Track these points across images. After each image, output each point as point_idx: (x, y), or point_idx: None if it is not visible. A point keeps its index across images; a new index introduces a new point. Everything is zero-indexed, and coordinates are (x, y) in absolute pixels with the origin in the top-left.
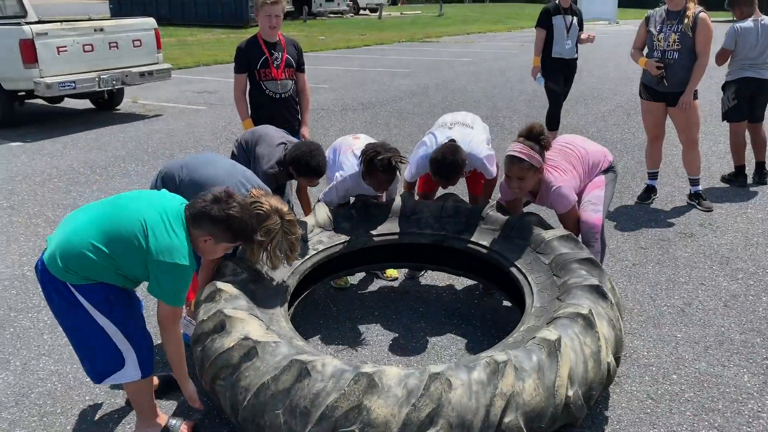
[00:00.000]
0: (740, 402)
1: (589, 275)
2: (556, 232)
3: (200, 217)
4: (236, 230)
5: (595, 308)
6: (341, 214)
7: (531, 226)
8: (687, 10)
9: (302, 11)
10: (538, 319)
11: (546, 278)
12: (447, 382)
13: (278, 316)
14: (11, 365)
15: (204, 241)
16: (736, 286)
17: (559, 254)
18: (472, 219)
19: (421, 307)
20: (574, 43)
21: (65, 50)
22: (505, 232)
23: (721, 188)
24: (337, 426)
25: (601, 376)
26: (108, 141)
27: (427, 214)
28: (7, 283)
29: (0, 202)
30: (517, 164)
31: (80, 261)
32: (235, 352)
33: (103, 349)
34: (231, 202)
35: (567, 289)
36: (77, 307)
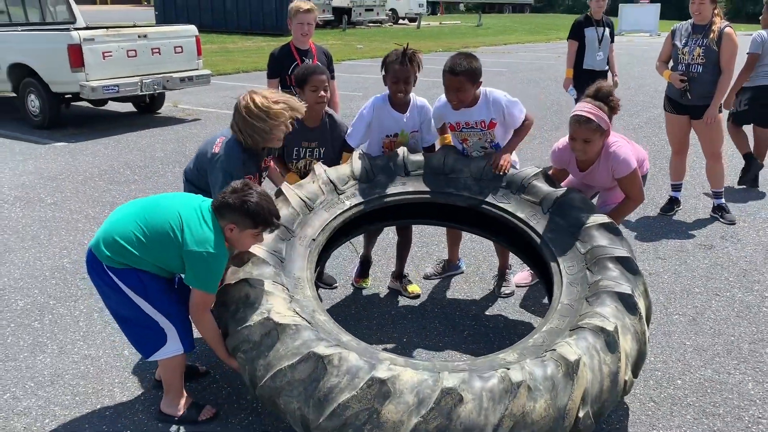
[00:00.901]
0: (742, 408)
1: (622, 279)
2: (597, 219)
3: (222, 207)
4: (254, 214)
5: (622, 321)
6: (379, 166)
7: (573, 205)
8: (713, 25)
9: (342, 20)
10: (563, 320)
11: (578, 270)
12: (458, 397)
13: (303, 281)
14: (48, 348)
15: (230, 230)
16: (750, 297)
17: (596, 246)
18: (513, 186)
19: (436, 308)
20: (606, 54)
21: (110, 55)
22: (546, 207)
23: (746, 201)
24: (348, 423)
25: (617, 395)
26: (148, 143)
27: (466, 174)
28: (48, 274)
29: (44, 198)
30: (584, 125)
31: (121, 248)
32: (257, 329)
33: (144, 326)
34: (247, 189)
35: (597, 292)
36: (117, 290)
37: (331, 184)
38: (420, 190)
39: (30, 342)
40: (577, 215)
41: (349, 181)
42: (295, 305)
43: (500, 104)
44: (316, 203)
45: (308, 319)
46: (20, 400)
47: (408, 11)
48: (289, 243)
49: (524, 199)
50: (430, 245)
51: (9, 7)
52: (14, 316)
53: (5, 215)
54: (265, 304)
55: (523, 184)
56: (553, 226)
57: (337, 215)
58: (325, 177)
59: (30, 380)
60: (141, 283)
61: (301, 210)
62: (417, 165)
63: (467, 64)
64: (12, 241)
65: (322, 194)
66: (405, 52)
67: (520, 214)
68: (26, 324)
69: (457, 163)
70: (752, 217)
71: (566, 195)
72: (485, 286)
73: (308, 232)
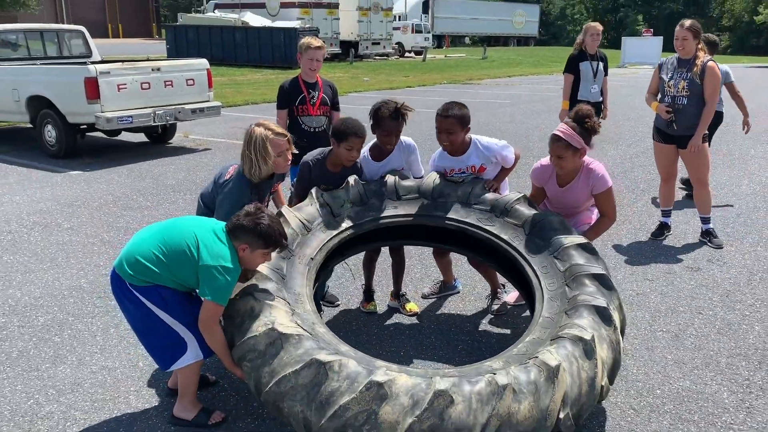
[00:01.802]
0: (715, 415)
1: (598, 294)
2: (575, 239)
3: (236, 229)
4: (266, 236)
5: (599, 332)
6: (372, 191)
7: (553, 227)
8: (696, 59)
9: (349, 53)
10: (544, 332)
11: (558, 287)
12: (450, 398)
13: (303, 297)
14: (68, 360)
15: (243, 250)
16: (731, 315)
17: (574, 264)
18: (497, 210)
19: (433, 325)
20: (600, 87)
21: (125, 87)
22: (527, 229)
23: (734, 227)
24: (347, 424)
25: (594, 398)
26: (160, 171)
27: (453, 198)
28: (66, 293)
29: (61, 223)
30: (555, 143)
31: (143, 267)
32: (262, 339)
33: (165, 337)
34: (259, 213)
35: (575, 306)
36: (139, 305)
37: (327, 207)
38: (410, 213)
39: (51, 354)
40: (556, 236)
41: (345, 204)
42: (296, 318)
43: (493, 150)
44: (313, 224)
45: (309, 330)
46: (43, 405)
47: (414, 45)
48: (289, 261)
49: (507, 222)
50: (428, 267)
51: (29, 42)
52: (35, 331)
53: (25, 239)
54: (269, 316)
55: (507, 208)
56: (534, 246)
57: (333, 236)
58: (322, 200)
59: (52, 388)
60: (161, 298)
61: (300, 231)
62: (408, 190)
63: (458, 110)
64: (32, 263)
65: (320, 216)
66: (398, 110)
67: (504, 235)
68: (47, 338)
69: (445, 188)
70: (739, 241)
71: (546, 218)
72: (480, 305)
73: (307, 251)
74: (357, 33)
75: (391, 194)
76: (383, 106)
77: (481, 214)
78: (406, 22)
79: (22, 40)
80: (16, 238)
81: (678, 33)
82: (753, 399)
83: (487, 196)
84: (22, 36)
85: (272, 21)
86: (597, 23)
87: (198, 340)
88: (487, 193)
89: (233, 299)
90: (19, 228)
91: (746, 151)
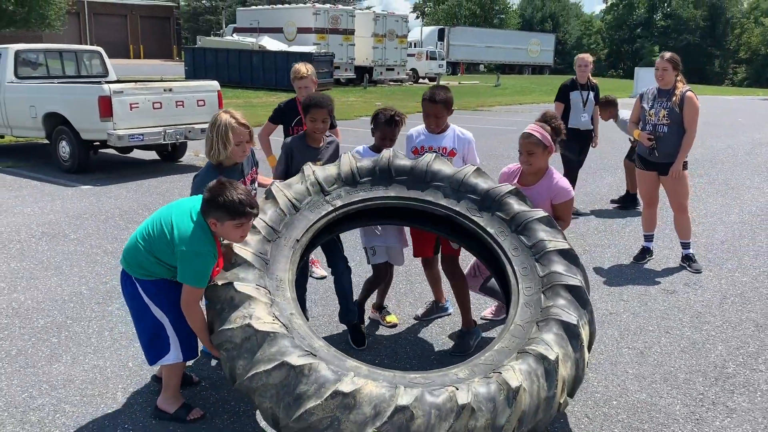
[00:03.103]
0: (665, 425)
1: (570, 308)
2: (558, 244)
3: (202, 206)
4: (227, 207)
5: (564, 349)
6: (365, 170)
7: (539, 227)
8: (676, 89)
9: (363, 79)
10: (513, 341)
11: (534, 292)
12: (410, 413)
13: (285, 283)
14: (63, 359)
15: (214, 225)
16: (698, 335)
17: (552, 272)
18: (488, 201)
19: (410, 337)
20: (590, 115)
21: (137, 106)
22: (513, 226)
23: (714, 252)
24: (312, 426)
25: (551, 415)
26: (167, 188)
27: (446, 183)
28: (66, 298)
29: (68, 234)
30: (527, 139)
31: (133, 255)
32: (238, 333)
33: (155, 337)
34: (220, 186)
35: (547, 318)
36: (138, 298)
37: (318, 185)
38: (401, 196)
39: (47, 353)
40: (540, 238)
41: (336, 183)
42: (275, 309)
43: (467, 141)
44: (302, 204)
45: (286, 323)
46: (36, 398)
47: (428, 71)
48: (275, 244)
49: (496, 215)
50: (414, 282)
51: (48, 61)
52: (35, 332)
53: (33, 248)
54: (248, 308)
55: (497, 200)
56: (517, 244)
57: (322, 216)
58: (313, 178)
59: (45, 383)
60: (158, 292)
61: (288, 211)
62: (401, 170)
63: (444, 94)
64: (37, 270)
65: (309, 195)
66: (393, 117)
67: (490, 229)
68: (45, 339)
69: (438, 172)
70: (719, 267)
71: (534, 216)
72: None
73: (293, 233)
74: (372, 59)
75: (384, 174)
76: (381, 112)
77: (471, 204)
78: (421, 49)
79: (42, 59)
80: (24, 246)
81: (658, 64)
82: (703, 411)
83: (480, 185)
84: (42, 56)
85: (289, 46)
86: (586, 54)
87: (181, 344)
88: (481, 183)
89: (215, 285)
90: (27, 237)
91: (742, 182)
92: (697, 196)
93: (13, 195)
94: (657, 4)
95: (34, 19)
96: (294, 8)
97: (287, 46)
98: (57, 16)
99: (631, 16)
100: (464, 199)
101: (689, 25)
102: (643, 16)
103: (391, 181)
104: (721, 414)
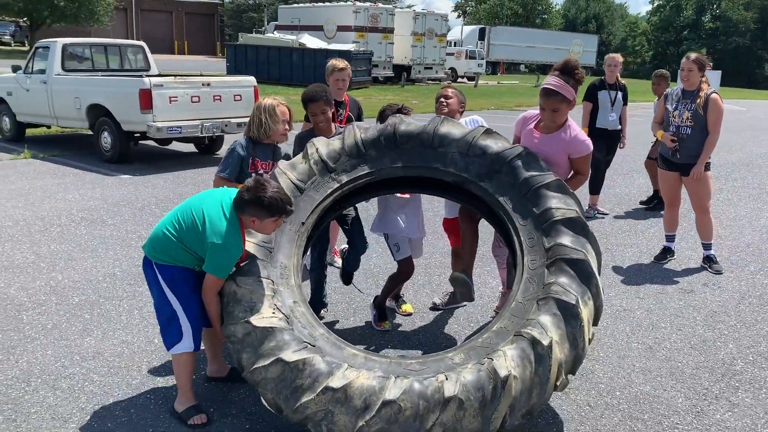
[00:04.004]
0: (665, 416)
1: (571, 286)
2: (566, 213)
3: (242, 204)
4: (270, 207)
5: (562, 330)
6: (370, 141)
7: (548, 193)
8: (700, 91)
9: (401, 77)
10: (512, 321)
11: (539, 266)
12: (397, 407)
13: (289, 269)
14: (94, 333)
15: (252, 222)
16: (710, 333)
17: (557, 244)
18: (496, 165)
19: (423, 323)
20: (618, 115)
21: (176, 100)
22: (523, 190)
23: (742, 255)
24: (308, 418)
25: (545, 399)
26: (203, 179)
27: (454, 148)
28: (101, 278)
29: (106, 220)
30: (552, 97)
31: (160, 242)
32: (239, 329)
33: (169, 323)
34: (260, 186)
35: (547, 296)
36: (157, 284)
37: (322, 163)
38: (408, 165)
39: (80, 328)
40: (548, 205)
41: (341, 157)
42: (277, 300)
43: (476, 122)
44: (307, 184)
45: (287, 313)
46: (67, 368)
47: (467, 70)
48: (279, 229)
49: (505, 180)
50: (432, 275)
51: (94, 55)
52: (70, 308)
53: (72, 231)
54: (249, 302)
55: (507, 163)
56: (526, 212)
57: (328, 195)
58: (317, 156)
59: (77, 355)
60: (172, 278)
61: (292, 193)
62: (407, 137)
63: (462, 96)
64: (75, 252)
65: (314, 174)
66: (400, 110)
67: (498, 196)
68: (78, 315)
69: (447, 136)
70: (741, 269)
71: (542, 181)
72: (472, 311)
73: (298, 216)
74: (410, 57)
75: (390, 143)
76: (388, 108)
77: (480, 168)
78: (460, 48)
79: (88, 53)
80: (64, 230)
81: (684, 65)
82: (705, 405)
83: (490, 147)
84: (87, 50)
85: (328, 43)
86: (617, 54)
87: (193, 333)
88: (491, 144)
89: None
90: (68, 222)
91: None
92: (728, 200)
93: (57, 182)
94: (705, 5)
95: (84, 15)
96: (334, 6)
97: (327, 43)
98: (105, 11)
99: (678, 18)
100: (473, 164)
101: (739, 27)
102: (690, 17)
103: (398, 149)
104: (723, 408)
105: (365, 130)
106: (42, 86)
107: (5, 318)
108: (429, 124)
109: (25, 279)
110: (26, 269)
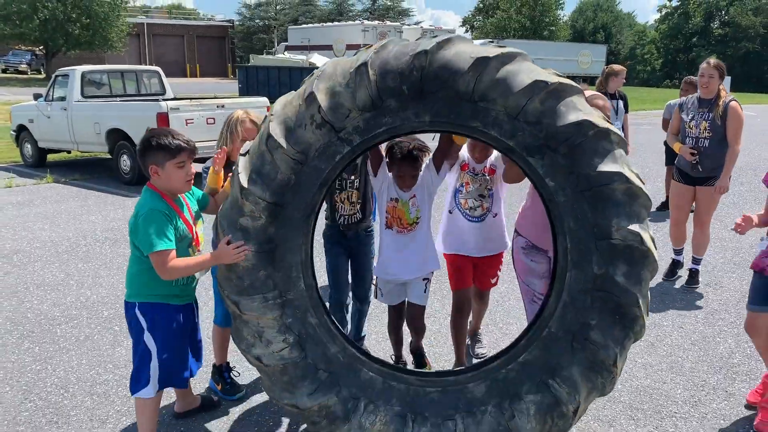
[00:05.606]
0: (663, 406)
1: (610, 338)
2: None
3: (140, 156)
4: (159, 144)
5: (589, 386)
6: (389, 90)
7: (613, 196)
8: (719, 99)
9: None
10: (542, 354)
11: (583, 290)
12: None
13: (298, 269)
14: (124, 344)
15: (155, 173)
16: (710, 330)
17: (608, 276)
18: (555, 141)
19: (441, 337)
20: (621, 126)
21: (192, 122)
22: (583, 184)
23: (750, 257)
24: None
25: None
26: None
27: (500, 106)
28: None
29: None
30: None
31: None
32: (253, 360)
33: (140, 366)
34: (153, 131)
35: (584, 344)
36: (135, 321)
37: (327, 124)
38: (438, 121)
39: (111, 339)
40: (614, 214)
41: (351, 112)
42: (287, 316)
43: None
44: (309, 155)
45: (299, 332)
46: (101, 375)
47: None
48: (279, 220)
49: (562, 164)
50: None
51: (111, 81)
52: (100, 321)
53: (97, 251)
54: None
55: (569, 143)
56: (580, 213)
57: (336, 163)
58: (319, 118)
59: (109, 363)
60: (151, 314)
61: (292, 170)
62: (438, 83)
63: None
64: (101, 269)
65: (318, 140)
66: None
67: (550, 180)
68: (109, 327)
69: (491, 90)
70: (743, 269)
71: (612, 181)
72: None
73: (304, 197)
74: None
75: (414, 91)
76: (396, 145)
77: (531, 139)
78: None
79: (105, 79)
80: (90, 250)
81: (704, 71)
82: (703, 395)
83: (546, 114)
84: (105, 76)
85: None
86: (618, 65)
87: (160, 381)
88: (549, 111)
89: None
90: (92, 242)
91: None
92: (734, 203)
93: (80, 204)
94: (714, 12)
95: (98, 42)
96: (343, 26)
97: None
98: (119, 38)
99: (686, 25)
100: (523, 131)
101: (748, 32)
102: (699, 24)
103: (426, 99)
104: (719, 398)
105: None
106: (62, 113)
107: (41, 332)
108: (469, 71)
109: (56, 296)
110: (57, 287)
